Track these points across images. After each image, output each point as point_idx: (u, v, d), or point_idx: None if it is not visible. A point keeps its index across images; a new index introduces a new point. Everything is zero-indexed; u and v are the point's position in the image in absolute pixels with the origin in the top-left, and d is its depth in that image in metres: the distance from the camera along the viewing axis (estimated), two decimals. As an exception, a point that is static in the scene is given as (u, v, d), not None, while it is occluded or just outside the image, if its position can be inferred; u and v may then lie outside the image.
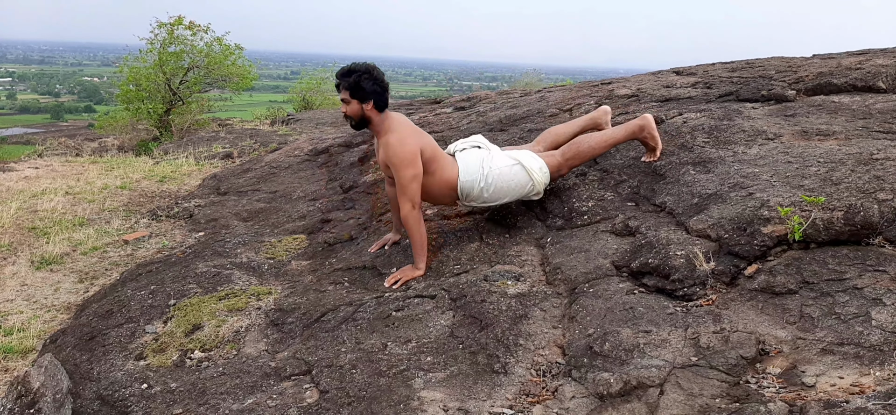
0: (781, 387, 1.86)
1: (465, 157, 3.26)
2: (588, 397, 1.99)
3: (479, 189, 3.19)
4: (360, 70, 3.06)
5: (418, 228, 3.06)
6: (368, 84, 3.03)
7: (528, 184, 3.25)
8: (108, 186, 6.11)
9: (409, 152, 3.03)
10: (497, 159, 3.24)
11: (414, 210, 3.03)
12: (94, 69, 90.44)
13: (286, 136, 8.54)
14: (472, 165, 3.21)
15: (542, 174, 3.27)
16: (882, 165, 2.70)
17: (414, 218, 3.04)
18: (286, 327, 2.73)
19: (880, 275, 2.17)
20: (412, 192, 3.03)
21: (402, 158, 3.01)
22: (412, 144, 3.05)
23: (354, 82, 3.04)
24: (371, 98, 3.05)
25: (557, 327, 2.42)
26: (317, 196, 4.76)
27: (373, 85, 3.04)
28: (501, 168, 3.21)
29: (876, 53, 4.96)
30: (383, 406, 2.07)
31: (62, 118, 50.87)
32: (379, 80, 3.07)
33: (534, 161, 3.27)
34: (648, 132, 3.38)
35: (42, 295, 3.70)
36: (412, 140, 3.06)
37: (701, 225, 2.70)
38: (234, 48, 15.14)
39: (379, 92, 3.06)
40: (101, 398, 2.37)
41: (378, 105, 3.07)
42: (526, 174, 3.23)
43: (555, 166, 3.34)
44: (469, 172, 3.19)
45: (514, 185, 3.23)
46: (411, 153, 3.03)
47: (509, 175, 3.21)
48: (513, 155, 3.27)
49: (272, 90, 60.79)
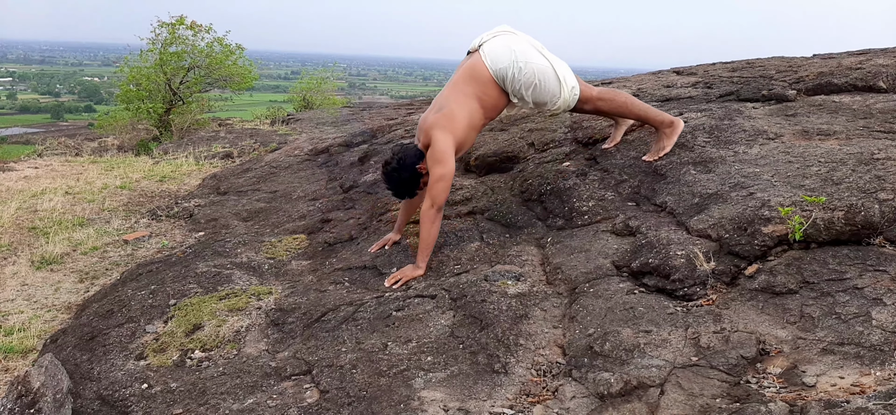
0: (782, 387, 1.86)
1: (491, 47, 3.14)
2: (588, 397, 1.99)
3: (512, 75, 3.09)
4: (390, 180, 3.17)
5: (432, 227, 3.03)
6: (405, 174, 3.12)
7: (556, 94, 3.16)
8: (107, 185, 6.11)
9: (441, 149, 3.01)
10: (530, 51, 3.13)
11: (432, 208, 3.01)
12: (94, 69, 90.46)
13: (286, 135, 8.54)
14: (499, 52, 3.11)
15: (570, 92, 3.18)
16: (883, 164, 2.70)
17: (430, 216, 3.01)
18: (286, 327, 2.73)
19: (881, 275, 2.17)
20: (437, 191, 3.00)
21: (435, 155, 3.01)
22: (445, 142, 3.03)
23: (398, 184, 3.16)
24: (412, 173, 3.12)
25: (558, 327, 2.42)
26: (317, 196, 4.76)
27: (406, 173, 3.12)
28: (536, 61, 3.11)
29: (876, 53, 4.95)
30: (383, 406, 2.07)
31: (62, 118, 50.87)
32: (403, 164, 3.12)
33: (568, 75, 3.19)
34: (674, 131, 3.40)
35: (42, 295, 3.70)
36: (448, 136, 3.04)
37: (701, 225, 2.70)
38: (234, 48, 15.13)
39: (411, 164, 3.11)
40: (101, 398, 2.37)
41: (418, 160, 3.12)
42: (557, 82, 3.14)
43: (586, 96, 3.26)
44: (498, 61, 3.10)
45: (544, 85, 3.13)
46: (443, 152, 3.01)
47: (542, 69, 3.12)
48: (549, 56, 3.18)
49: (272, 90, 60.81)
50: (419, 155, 3.14)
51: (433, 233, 3.04)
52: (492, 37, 3.21)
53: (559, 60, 3.21)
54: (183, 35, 14.36)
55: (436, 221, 3.03)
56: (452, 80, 3.22)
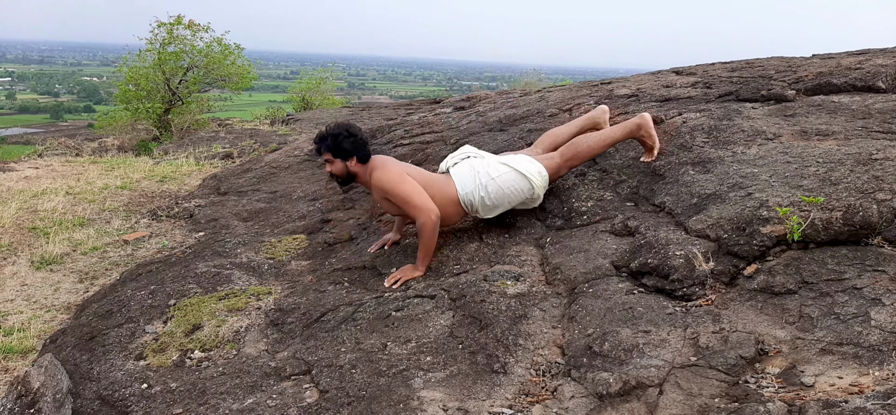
0: (780, 387, 1.87)
1: (458, 171, 3.25)
2: (587, 397, 1.99)
3: (479, 199, 3.19)
4: (336, 132, 3.16)
5: (432, 236, 3.04)
6: (348, 143, 3.13)
7: (528, 189, 3.23)
8: (108, 186, 6.12)
9: (395, 173, 3.10)
10: (492, 166, 3.23)
11: (431, 218, 3.02)
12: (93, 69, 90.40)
13: (286, 136, 8.55)
14: (466, 176, 3.22)
15: (541, 178, 3.26)
16: (881, 165, 2.71)
17: (431, 227, 3.02)
18: (286, 327, 2.74)
19: (879, 275, 2.18)
20: (419, 201, 3.04)
21: (392, 179, 3.08)
22: (395, 166, 3.14)
23: (333, 144, 3.14)
24: (353, 154, 3.15)
25: (557, 327, 2.42)
26: (317, 196, 4.76)
27: (352, 143, 3.13)
28: (499, 174, 3.20)
29: (875, 53, 4.96)
30: (383, 406, 2.08)
31: (62, 118, 50.85)
32: (357, 136, 3.16)
33: (531, 165, 3.25)
34: (646, 131, 3.38)
35: (42, 295, 3.70)
36: (394, 164, 3.16)
37: (700, 225, 2.70)
38: (233, 48, 15.12)
39: (360, 147, 3.15)
40: (101, 398, 2.38)
41: (361, 159, 3.16)
42: (525, 180, 3.22)
43: (553, 168, 3.33)
44: (465, 185, 3.20)
45: (515, 191, 3.22)
46: (397, 173, 3.10)
47: (508, 180, 3.20)
48: (509, 162, 3.25)
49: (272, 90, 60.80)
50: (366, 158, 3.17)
51: (434, 238, 3.06)
52: (454, 163, 3.31)
53: (517, 158, 3.29)
54: (181, 35, 14.36)
55: (436, 230, 3.05)
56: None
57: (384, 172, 3.11)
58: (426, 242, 3.04)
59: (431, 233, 3.03)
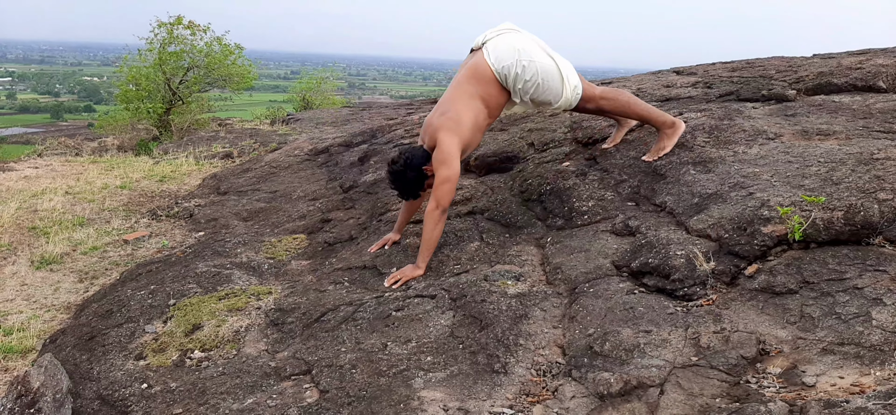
0: (782, 387, 1.86)
1: (494, 46, 3.14)
2: (588, 397, 1.99)
3: (515, 74, 3.08)
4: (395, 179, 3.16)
5: (435, 228, 3.03)
6: (411, 174, 3.12)
7: (558, 92, 3.15)
8: (107, 185, 6.11)
9: (446, 151, 3.01)
10: (534, 49, 3.13)
11: (437, 210, 3.01)
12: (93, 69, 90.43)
13: (286, 135, 8.54)
14: (503, 51, 3.11)
15: (572, 90, 3.18)
16: (882, 164, 2.70)
17: (435, 218, 3.01)
18: (286, 327, 2.73)
19: (881, 275, 2.17)
20: (442, 192, 3.00)
21: (441, 157, 3.01)
22: (451, 144, 3.03)
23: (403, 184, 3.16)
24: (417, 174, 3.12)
25: (557, 327, 2.42)
26: (317, 196, 4.76)
27: (412, 173, 3.12)
28: (540, 59, 3.11)
29: (876, 53, 4.96)
30: (383, 406, 2.07)
31: (62, 118, 50.87)
32: (409, 164, 3.12)
33: (572, 74, 3.18)
34: (675, 132, 3.40)
35: (42, 295, 3.70)
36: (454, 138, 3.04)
37: (701, 225, 2.70)
38: (233, 48, 15.13)
39: (418, 165, 3.11)
40: (101, 398, 2.37)
41: (425, 162, 3.12)
42: (560, 79, 3.13)
43: (588, 95, 3.26)
44: (502, 59, 3.10)
45: (547, 84, 3.12)
46: (449, 154, 3.01)
47: (546, 68, 3.11)
48: (552, 54, 3.17)
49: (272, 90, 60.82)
50: (426, 156, 3.14)
51: (437, 234, 3.05)
52: (495, 35, 3.21)
53: (563, 59, 3.21)
54: (181, 35, 14.36)
55: (440, 223, 3.04)
56: (456, 80, 3.22)
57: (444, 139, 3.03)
58: (427, 235, 3.03)
59: (433, 224, 3.01)
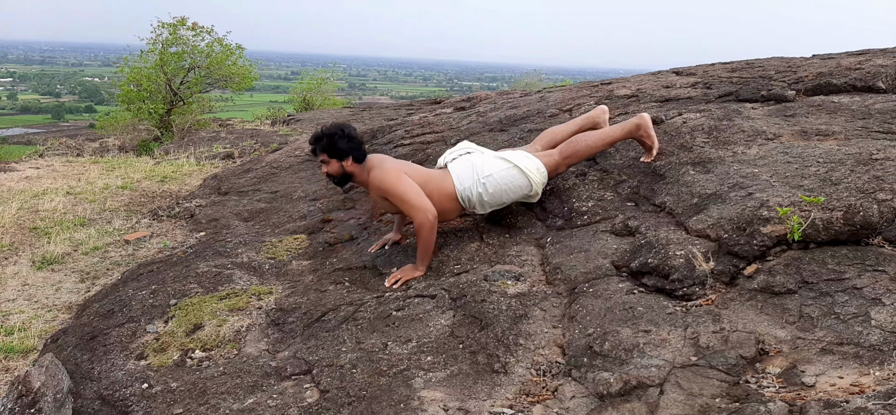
0: (781, 387, 1.87)
1: (456, 167, 3.25)
2: (588, 397, 1.99)
3: (477, 195, 3.19)
4: (332, 132, 3.17)
5: (430, 236, 3.05)
6: (343, 143, 3.14)
7: (526, 185, 3.24)
8: (109, 186, 6.12)
9: (392, 172, 3.10)
10: (490, 163, 3.23)
11: (429, 218, 3.02)
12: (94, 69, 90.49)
13: (287, 136, 8.55)
14: (464, 172, 3.22)
15: (539, 175, 3.26)
16: (881, 165, 2.71)
17: (428, 227, 3.03)
18: (287, 327, 2.74)
19: (879, 275, 2.18)
20: (417, 202, 3.04)
21: (389, 179, 3.08)
22: (392, 165, 3.14)
23: (328, 144, 3.15)
24: (348, 155, 3.16)
25: (557, 327, 2.42)
26: (317, 196, 4.76)
27: (347, 143, 3.15)
28: (497, 170, 3.20)
29: (876, 53, 4.96)
30: (383, 406, 2.08)
31: (63, 118, 50.91)
32: (352, 137, 3.17)
33: (530, 162, 3.25)
34: (645, 131, 3.39)
35: (43, 295, 3.71)
36: (391, 163, 3.17)
37: (700, 225, 2.70)
38: (234, 48, 15.14)
39: (355, 147, 3.17)
40: (101, 398, 2.38)
41: (357, 159, 3.18)
42: (523, 176, 3.22)
43: (552, 165, 3.34)
44: (463, 181, 3.20)
45: (513, 187, 3.22)
46: (395, 172, 3.10)
47: (506, 177, 3.20)
48: (508, 157, 3.25)
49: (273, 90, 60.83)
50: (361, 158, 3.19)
51: (432, 239, 3.07)
52: (454, 157, 3.32)
53: (515, 153, 3.29)
54: (184, 36, 14.37)
55: (434, 230, 3.06)
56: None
57: (381, 171, 3.11)
58: (424, 242, 3.04)
59: (429, 233, 3.03)
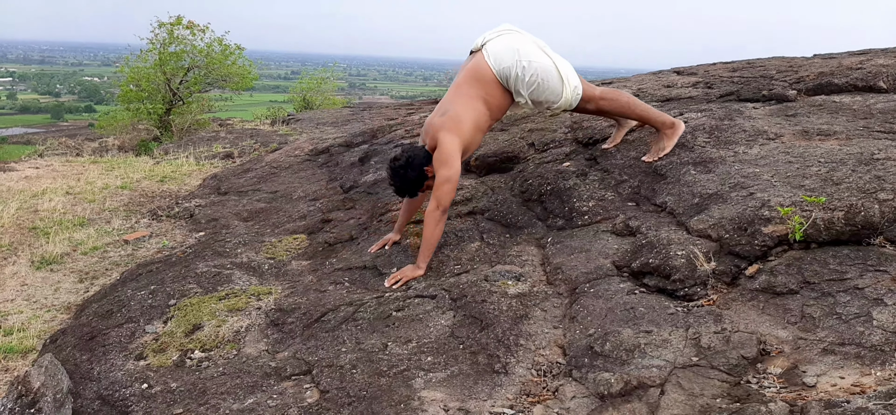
0: (782, 387, 1.86)
1: (494, 47, 3.14)
2: (589, 397, 1.99)
3: (515, 75, 3.09)
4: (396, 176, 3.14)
5: (436, 229, 3.03)
6: (412, 173, 3.10)
7: (559, 92, 3.15)
8: (108, 185, 6.12)
9: (447, 152, 3.01)
10: (532, 50, 3.13)
11: (437, 210, 3.01)
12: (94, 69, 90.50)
13: (286, 136, 8.54)
14: (503, 52, 3.11)
15: (573, 91, 3.18)
16: (883, 164, 2.70)
17: (436, 218, 3.01)
18: (286, 327, 2.73)
19: (881, 275, 2.17)
20: (443, 192, 3.01)
21: (442, 157, 3.02)
22: (451, 144, 3.03)
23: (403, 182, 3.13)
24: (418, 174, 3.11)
25: (558, 327, 2.42)
26: (317, 196, 4.76)
27: (413, 172, 3.10)
28: (538, 59, 3.11)
29: (877, 53, 4.95)
30: (384, 406, 2.07)
31: (62, 118, 50.90)
32: (411, 163, 3.10)
33: (571, 74, 3.18)
34: (675, 132, 3.40)
35: (42, 295, 3.70)
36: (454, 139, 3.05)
37: (702, 225, 2.70)
38: (234, 48, 15.13)
39: (419, 164, 3.10)
40: (101, 398, 2.37)
41: (425, 162, 3.11)
42: (559, 80, 3.14)
43: (589, 95, 3.27)
44: (502, 60, 3.10)
45: (548, 83, 3.12)
46: (450, 154, 3.01)
47: (545, 68, 3.11)
48: (551, 55, 3.18)
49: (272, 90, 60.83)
50: (427, 157, 3.15)
51: (437, 234, 3.05)
52: (495, 36, 3.21)
53: (562, 59, 3.22)
54: (181, 35, 14.37)
55: (440, 223, 3.04)
56: (456, 82, 3.23)
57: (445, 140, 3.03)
58: (428, 235, 3.03)
59: (433, 224, 3.01)
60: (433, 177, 3.10)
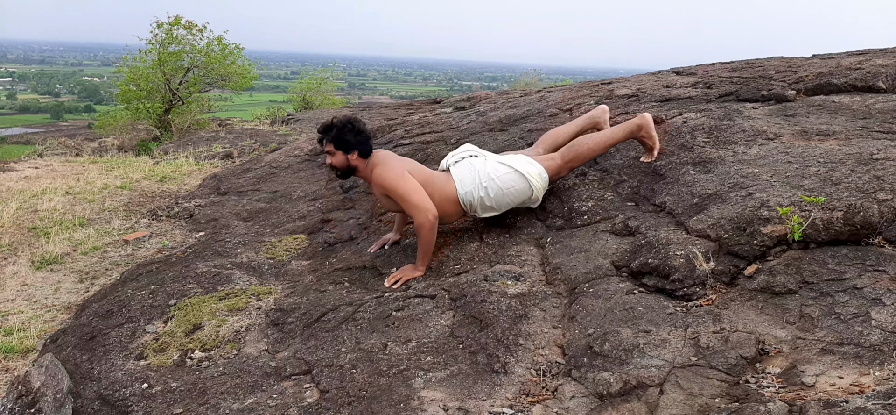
0: (781, 387, 1.86)
1: (458, 170, 3.25)
2: (588, 397, 1.99)
3: (479, 198, 3.19)
4: (341, 124, 3.17)
5: (430, 236, 3.05)
6: (351, 136, 3.15)
7: (527, 190, 3.24)
8: (108, 185, 6.12)
9: (396, 171, 3.10)
10: (492, 167, 3.23)
11: (429, 218, 3.02)
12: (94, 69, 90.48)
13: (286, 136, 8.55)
14: (466, 176, 3.21)
15: (540, 180, 3.26)
16: (882, 165, 2.71)
17: (429, 227, 3.03)
18: (286, 327, 2.73)
19: (880, 275, 2.17)
20: (418, 201, 3.04)
21: (393, 177, 3.08)
22: (396, 163, 3.15)
23: (337, 136, 3.15)
24: (355, 148, 3.16)
25: (557, 327, 2.42)
26: (317, 196, 4.76)
27: (355, 136, 3.15)
28: (499, 174, 3.20)
29: (876, 53, 4.96)
30: (383, 406, 2.08)
31: (62, 118, 50.89)
32: (361, 131, 3.18)
33: (532, 167, 3.25)
34: (646, 131, 3.38)
35: (42, 295, 3.70)
36: (395, 161, 3.17)
37: (701, 225, 2.70)
38: (233, 48, 15.13)
39: (362, 141, 3.17)
40: (101, 398, 2.38)
41: (362, 153, 3.18)
42: (524, 181, 3.22)
43: (554, 169, 3.33)
44: (465, 184, 3.20)
45: (514, 191, 3.22)
46: (399, 171, 3.10)
47: (508, 182, 3.20)
48: (510, 162, 3.25)
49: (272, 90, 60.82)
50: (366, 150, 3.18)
51: (432, 239, 3.06)
52: (456, 160, 3.31)
53: (517, 158, 3.28)
54: (180, 35, 14.38)
55: (434, 230, 3.05)
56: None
57: (385, 168, 3.12)
58: (424, 242, 3.04)
59: (429, 233, 3.03)
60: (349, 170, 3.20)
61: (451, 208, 3.22)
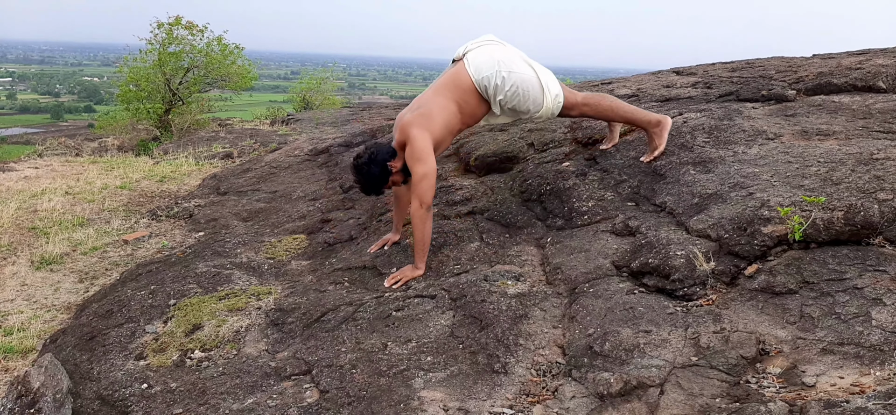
0: (782, 387, 1.86)
1: (475, 57, 3.14)
2: (588, 397, 1.99)
3: (494, 85, 3.08)
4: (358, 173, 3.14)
5: (422, 226, 3.01)
6: (375, 169, 3.09)
7: (539, 101, 3.15)
8: (107, 185, 6.12)
9: (419, 148, 2.99)
10: (514, 60, 3.13)
11: (421, 208, 3.00)
12: (94, 69, 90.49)
13: (286, 136, 8.55)
14: (484, 62, 3.11)
15: (554, 100, 3.17)
16: (882, 164, 2.70)
17: (420, 216, 2.99)
18: (286, 327, 2.73)
19: (880, 275, 2.17)
20: (422, 190, 2.99)
21: (415, 153, 3.00)
22: (422, 140, 3.01)
23: (367, 179, 3.11)
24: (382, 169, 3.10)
25: (557, 327, 2.42)
26: (317, 196, 4.76)
27: (376, 168, 3.09)
28: (519, 69, 3.11)
29: (876, 53, 4.96)
30: (383, 406, 2.07)
31: (62, 118, 50.88)
32: (374, 159, 3.10)
33: (552, 81, 3.18)
34: (661, 131, 3.39)
35: (42, 295, 3.70)
36: (425, 134, 3.02)
37: (701, 225, 2.70)
38: (233, 48, 15.12)
39: (382, 160, 3.09)
40: (101, 398, 2.37)
41: (390, 157, 3.11)
42: (540, 90, 3.13)
43: (571, 102, 3.25)
44: (481, 70, 3.10)
45: (529, 94, 3.12)
46: (422, 150, 2.99)
47: (526, 79, 3.11)
48: (532, 64, 3.17)
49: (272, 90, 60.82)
50: (392, 152, 3.14)
51: (426, 232, 3.04)
52: (476, 46, 3.22)
53: (543, 68, 3.22)
54: (181, 35, 14.37)
55: (426, 221, 3.02)
56: (435, 85, 3.25)
57: (416, 136, 3.01)
58: (418, 235, 3.03)
59: (419, 223, 3.00)
60: (398, 172, 3.11)
61: (473, 104, 3.13)
